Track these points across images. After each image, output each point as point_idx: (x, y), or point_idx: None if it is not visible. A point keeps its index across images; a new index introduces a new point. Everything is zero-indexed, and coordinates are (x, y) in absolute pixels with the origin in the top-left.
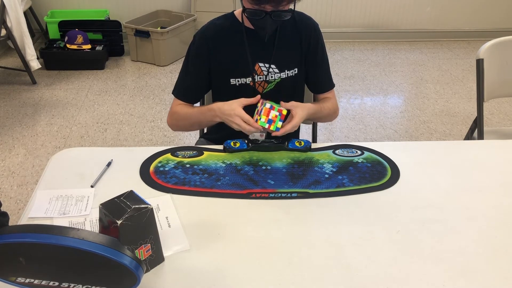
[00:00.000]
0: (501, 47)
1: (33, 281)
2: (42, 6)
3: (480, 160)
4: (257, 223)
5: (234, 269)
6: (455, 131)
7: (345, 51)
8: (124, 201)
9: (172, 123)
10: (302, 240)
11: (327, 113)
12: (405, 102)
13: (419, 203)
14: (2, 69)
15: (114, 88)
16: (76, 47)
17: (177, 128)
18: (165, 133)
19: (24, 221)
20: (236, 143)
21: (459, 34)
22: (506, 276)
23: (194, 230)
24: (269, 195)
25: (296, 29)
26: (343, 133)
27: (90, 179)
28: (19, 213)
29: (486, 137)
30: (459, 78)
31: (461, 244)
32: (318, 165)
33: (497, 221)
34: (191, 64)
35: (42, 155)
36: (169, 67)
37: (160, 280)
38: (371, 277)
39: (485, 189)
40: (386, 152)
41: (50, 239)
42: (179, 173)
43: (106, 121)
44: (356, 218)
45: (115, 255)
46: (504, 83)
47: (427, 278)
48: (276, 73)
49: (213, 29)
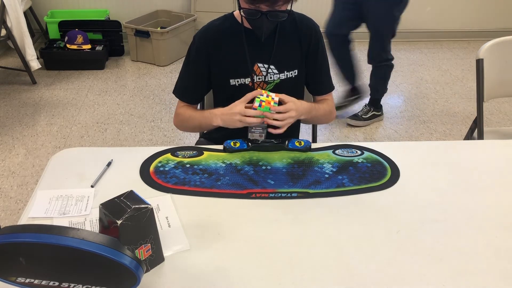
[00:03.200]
0: (501, 47)
1: (33, 281)
2: (42, 6)
3: (480, 160)
4: (257, 223)
5: (234, 269)
6: (455, 131)
7: None
8: (124, 201)
9: (178, 124)
10: (302, 240)
11: (323, 113)
12: (405, 102)
13: (419, 203)
14: (2, 69)
15: (114, 88)
16: (76, 47)
17: (182, 128)
18: (165, 133)
19: (24, 221)
20: (236, 143)
21: (459, 34)
22: (506, 276)
23: (194, 230)
24: (269, 195)
25: (297, 30)
26: (343, 133)
27: (90, 179)
28: (19, 213)
29: (486, 137)
30: (459, 78)
31: (461, 244)
32: (318, 165)
33: (497, 221)
34: (192, 64)
35: (42, 155)
36: (169, 67)
37: (160, 280)
38: (371, 277)
39: (485, 189)
40: (386, 152)
41: (50, 239)
42: (179, 173)
43: (106, 121)
44: (356, 218)
45: (115, 255)
46: (504, 83)
47: (427, 278)
48: (275, 74)
49: (213, 30)
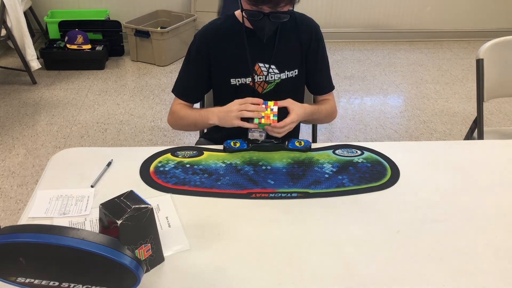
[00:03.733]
0: (501, 47)
1: (33, 281)
2: (42, 6)
3: (480, 160)
4: (257, 223)
5: (234, 269)
6: (455, 131)
7: (345, 51)
8: (124, 201)
9: (171, 122)
10: (302, 240)
11: (325, 115)
12: (405, 102)
13: (419, 203)
14: (2, 69)
15: (114, 88)
16: (76, 47)
17: (176, 127)
18: (165, 133)
19: (24, 221)
20: (236, 143)
21: (459, 34)
22: (506, 276)
23: (194, 230)
24: (269, 195)
25: (297, 30)
26: (343, 133)
27: (90, 179)
28: (19, 213)
29: (486, 137)
30: (459, 78)
31: (461, 244)
32: (318, 165)
33: (497, 221)
34: (192, 64)
35: (42, 155)
36: (169, 67)
37: (160, 280)
38: (371, 277)
39: (485, 189)
40: (386, 152)
41: (50, 239)
42: (179, 173)
43: (106, 121)
44: (356, 218)
45: (115, 255)
46: (504, 83)
47: (427, 278)
48: (276, 74)
49: (214, 29)
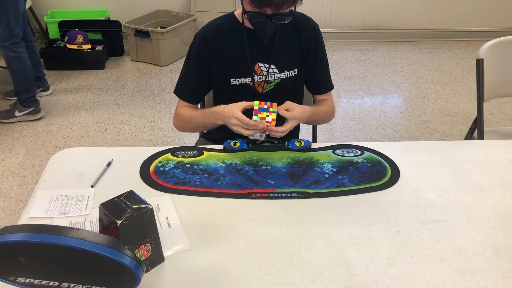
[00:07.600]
0: (501, 47)
1: (33, 281)
2: (42, 6)
3: (480, 160)
4: (257, 223)
5: (234, 269)
6: (455, 131)
7: (345, 51)
8: (124, 201)
9: (178, 124)
10: (302, 240)
11: (324, 115)
12: (405, 102)
13: (419, 203)
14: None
15: (114, 88)
16: (76, 47)
17: (183, 129)
18: (165, 133)
19: (24, 221)
20: (236, 143)
21: (459, 34)
22: (506, 276)
23: (194, 230)
24: (269, 195)
25: (296, 30)
26: (343, 133)
27: (90, 179)
28: (19, 213)
29: (486, 137)
30: (459, 78)
31: (461, 244)
32: (318, 165)
33: (497, 221)
34: (192, 64)
35: (42, 155)
36: (169, 67)
37: (160, 280)
38: (371, 277)
39: (485, 189)
40: (386, 152)
41: (50, 239)
42: (179, 173)
43: (106, 121)
44: (356, 218)
45: (115, 255)
46: (504, 83)
47: (427, 278)
48: (275, 74)
49: (214, 30)
